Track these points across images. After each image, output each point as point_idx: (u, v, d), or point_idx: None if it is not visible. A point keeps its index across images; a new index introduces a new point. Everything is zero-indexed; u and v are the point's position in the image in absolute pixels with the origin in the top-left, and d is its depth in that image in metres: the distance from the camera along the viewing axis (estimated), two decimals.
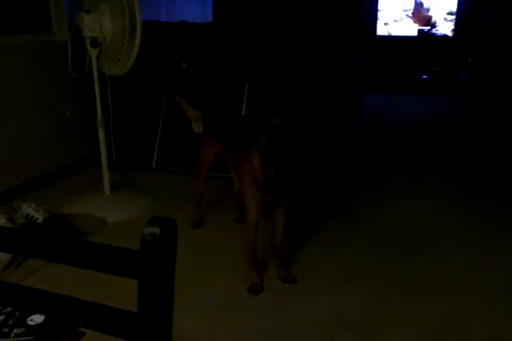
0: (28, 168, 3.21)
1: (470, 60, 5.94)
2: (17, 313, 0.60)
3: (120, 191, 3.18)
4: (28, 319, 0.59)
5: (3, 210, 2.68)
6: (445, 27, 7.24)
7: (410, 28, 7.39)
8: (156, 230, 0.63)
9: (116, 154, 3.10)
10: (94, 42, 2.71)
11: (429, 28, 7.34)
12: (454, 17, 7.15)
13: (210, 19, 6.22)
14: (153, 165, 3.68)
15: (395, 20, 7.45)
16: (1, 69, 2.92)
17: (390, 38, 7.50)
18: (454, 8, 7.12)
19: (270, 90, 1.86)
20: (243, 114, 3.48)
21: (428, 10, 7.30)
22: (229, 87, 3.54)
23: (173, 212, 2.92)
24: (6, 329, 0.57)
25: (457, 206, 3.15)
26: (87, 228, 2.69)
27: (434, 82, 7.30)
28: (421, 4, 7.29)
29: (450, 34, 7.21)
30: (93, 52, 2.75)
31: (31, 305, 0.59)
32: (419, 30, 7.37)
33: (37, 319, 0.58)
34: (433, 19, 7.31)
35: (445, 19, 7.24)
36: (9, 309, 0.61)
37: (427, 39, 7.36)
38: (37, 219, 2.60)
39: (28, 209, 2.66)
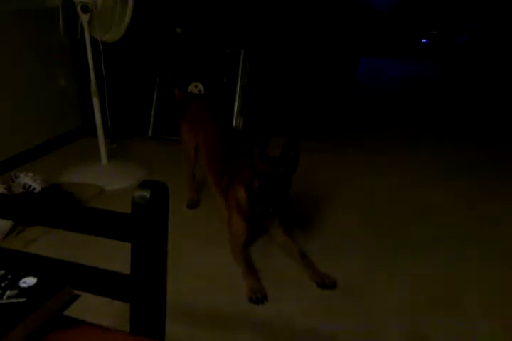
0: (24, 138, 3.19)
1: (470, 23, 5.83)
2: (9, 276, 0.61)
3: (117, 160, 3.18)
4: (21, 281, 0.59)
5: (1, 180, 2.68)
6: None
7: None
8: (147, 193, 0.62)
9: (112, 123, 3.08)
10: (85, 8, 2.64)
11: None
12: None
13: None
14: (150, 134, 3.66)
15: None
16: None
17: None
18: None
19: (255, 142, 1.98)
20: (238, 81, 3.44)
21: None
22: (224, 53, 3.48)
23: (170, 180, 2.92)
24: None
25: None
26: (85, 196, 2.70)
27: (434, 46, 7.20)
28: None
29: None
30: (84, 18, 2.68)
31: (24, 268, 0.60)
32: None
33: (29, 281, 0.59)
34: None
35: None
36: (2, 272, 0.62)
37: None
38: (34, 188, 2.60)
39: (26, 178, 2.66)
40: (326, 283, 1.94)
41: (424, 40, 7.30)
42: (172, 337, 1.61)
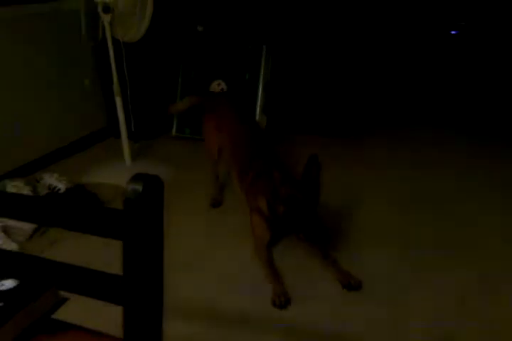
0: (48, 139, 3.22)
1: None
2: None
3: (141, 160, 3.18)
4: None
5: (27, 181, 2.70)
6: None
7: None
8: (139, 187, 0.58)
9: (136, 123, 3.07)
10: (106, 8, 2.64)
11: None
12: None
13: None
14: (173, 134, 3.65)
15: None
16: (17, 40, 2.89)
17: None
18: None
19: (274, 165, 1.97)
20: (261, 78, 3.39)
21: None
22: (246, 49, 3.43)
23: (194, 179, 2.91)
24: None
25: None
26: (108, 197, 2.70)
27: None
28: None
29: None
30: (106, 18, 2.67)
31: (4, 269, 0.56)
32: None
33: (8, 284, 0.55)
34: None
35: None
36: None
37: None
38: (59, 189, 2.62)
39: (50, 179, 2.68)
40: (352, 284, 1.86)
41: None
42: (187, 338, 1.59)
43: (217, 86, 3.51)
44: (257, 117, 3.37)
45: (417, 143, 3.52)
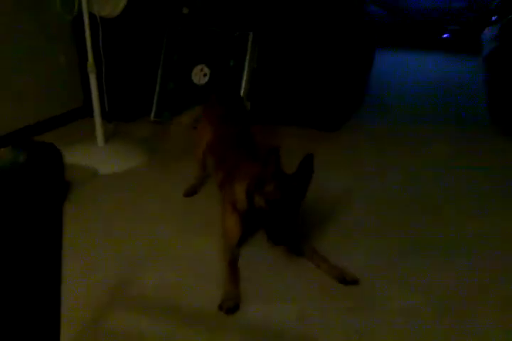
0: (21, 116, 3.09)
1: (494, 18, 5.53)
2: None
3: (115, 142, 3.06)
4: None
5: None
6: None
7: None
8: (20, 156, 0.46)
9: (111, 103, 2.96)
10: None
11: None
12: None
13: None
14: (152, 118, 3.53)
15: None
16: None
17: None
18: None
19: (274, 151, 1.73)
20: (246, 65, 3.29)
21: None
22: (232, 36, 3.32)
23: (171, 166, 2.81)
24: None
25: None
26: (76, 179, 2.59)
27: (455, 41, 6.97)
28: None
29: None
30: None
31: None
32: None
33: None
34: None
35: None
36: None
37: None
38: None
39: None
40: (347, 279, 1.78)
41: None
42: (149, 335, 1.50)
43: (200, 71, 3.40)
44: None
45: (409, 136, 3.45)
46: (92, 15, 2.61)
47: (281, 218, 1.71)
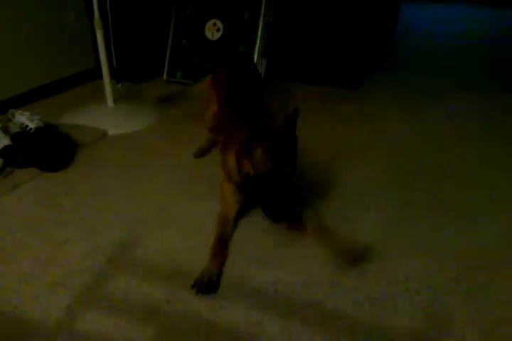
0: (31, 77, 3.01)
1: None
2: None
3: (125, 103, 2.95)
4: None
5: (2, 119, 2.53)
6: None
7: None
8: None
9: (123, 64, 2.84)
10: None
11: None
12: None
13: None
14: (164, 78, 3.40)
15: None
16: None
17: None
18: None
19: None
20: (261, 18, 3.09)
21: None
22: None
23: (181, 127, 2.70)
24: None
25: None
26: (85, 139, 2.51)
27: None
28: None
29: None
30: None
31: None
32: None
33: None
34: None
35: None
36: None
37: None
38: (31, 129, 2.43)
39: (21, 117, 2.49)
40: (355, 255, 1.57)
41: None
42: (150, 299, 1.43)
43: (213, 26, 3.22)
44: (255, 60, 3.10)
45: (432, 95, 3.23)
46: None
47: (275, 191, 1.50)
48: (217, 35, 3.21)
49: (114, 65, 2.78)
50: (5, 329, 1.33)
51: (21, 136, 2.36)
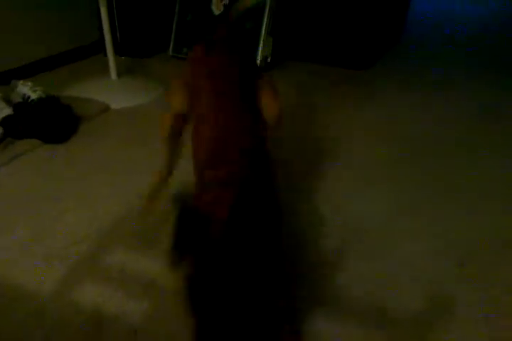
0: (34, 49, 2.95)
1: None
2: None
3: (129, 77, 2.90)
4: None
5: (4, 90, 2.48)
6: None
7: None
8: None
9: (127, 38, 2.77)
10: None
11: None
12: None
13: None
14: (170, 53, 3.33)
15: None
16: None
17: None
18: None
19: None
20: None
21: None
22: None
23: None
24: None
25: None
26: (86, 112, 2.47)
27: None
28: None
29: None
30: None
31: None
32: None
33: None
34: None
35: None
36: None
37: None
38: (33, 99, 2.38)
39: (24, 88, 2.45)
40: None
41: None
42: (149, 271, 1.39)
43: (220, 1, 3.13)
44: (262, 40, 3.02)
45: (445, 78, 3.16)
46: None
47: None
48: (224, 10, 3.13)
49: (118, 40, 2.70)
50: None
51: (23, 107, 2.31)
